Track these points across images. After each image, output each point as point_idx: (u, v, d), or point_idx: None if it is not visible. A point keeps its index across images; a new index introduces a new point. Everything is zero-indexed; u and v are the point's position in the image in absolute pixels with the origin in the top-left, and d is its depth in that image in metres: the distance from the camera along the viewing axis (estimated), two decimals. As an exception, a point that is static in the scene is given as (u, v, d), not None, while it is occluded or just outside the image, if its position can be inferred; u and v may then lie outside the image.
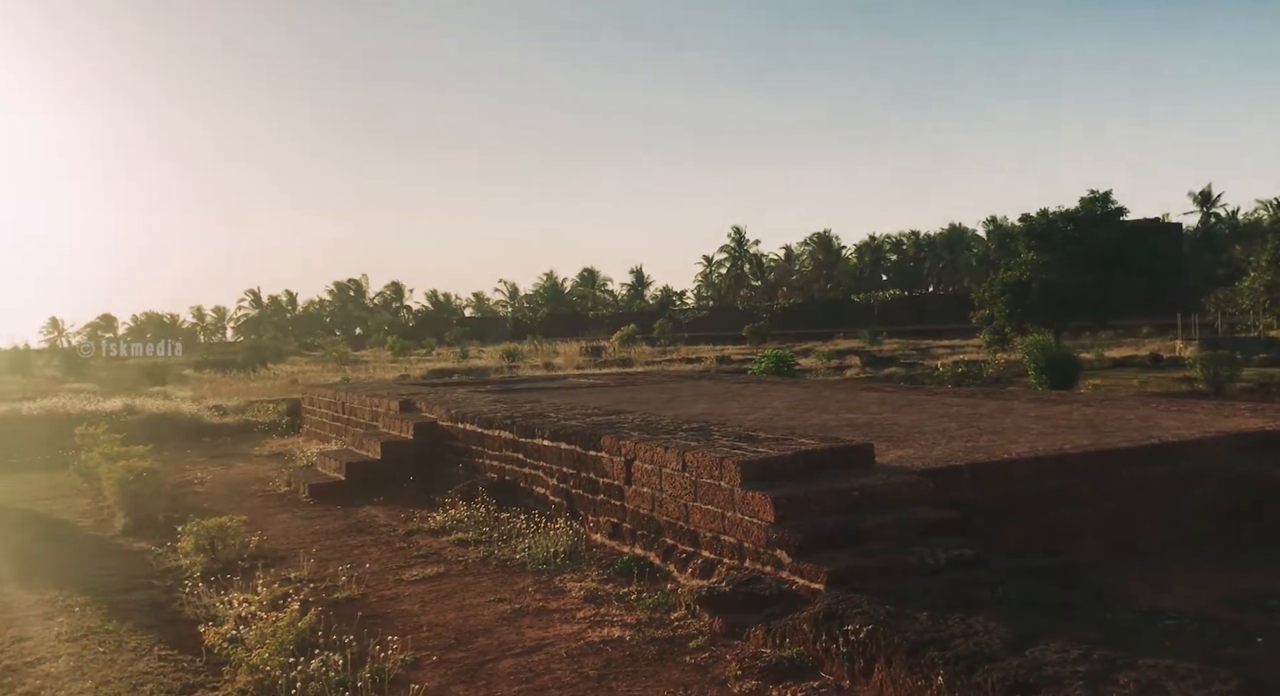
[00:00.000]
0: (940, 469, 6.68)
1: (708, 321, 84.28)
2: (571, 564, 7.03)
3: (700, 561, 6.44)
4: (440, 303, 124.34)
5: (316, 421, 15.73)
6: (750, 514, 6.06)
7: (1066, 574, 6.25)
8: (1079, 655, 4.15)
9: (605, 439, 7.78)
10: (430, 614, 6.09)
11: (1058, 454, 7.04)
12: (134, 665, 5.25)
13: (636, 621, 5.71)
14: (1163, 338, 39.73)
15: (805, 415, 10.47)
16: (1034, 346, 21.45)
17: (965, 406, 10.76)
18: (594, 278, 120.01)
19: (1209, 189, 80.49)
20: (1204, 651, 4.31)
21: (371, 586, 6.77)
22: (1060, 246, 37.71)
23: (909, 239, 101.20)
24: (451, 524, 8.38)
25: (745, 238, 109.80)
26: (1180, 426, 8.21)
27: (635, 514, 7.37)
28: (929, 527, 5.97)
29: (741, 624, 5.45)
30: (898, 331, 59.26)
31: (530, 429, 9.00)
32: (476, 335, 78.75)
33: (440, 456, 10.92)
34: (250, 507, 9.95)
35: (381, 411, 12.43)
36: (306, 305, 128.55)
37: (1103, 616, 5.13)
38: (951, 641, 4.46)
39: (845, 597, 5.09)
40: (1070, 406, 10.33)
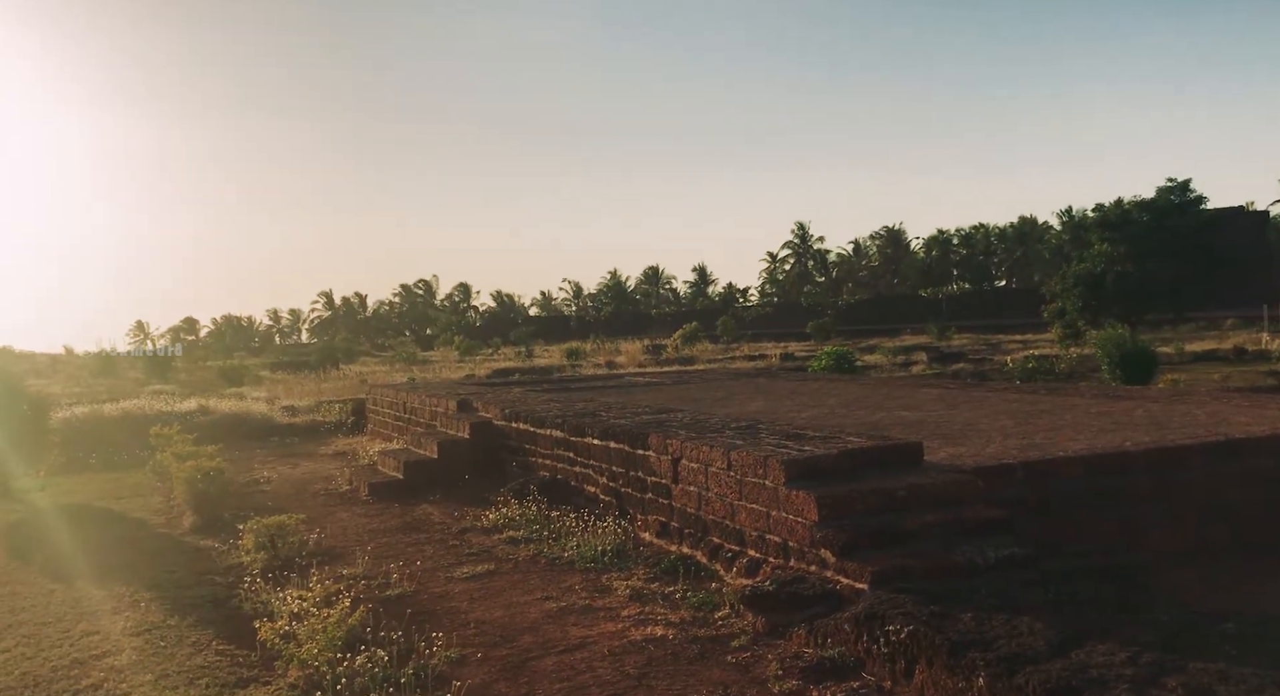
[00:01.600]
0: (992, 467, 6.53)
1: (771, 318, 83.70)
2: (619, 562, 7.07)
3: (746, 560, 6.42)
4: (506, 303, 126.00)
5: (380, 421, 16.09)
6: (794, 513, 6.02)
7: (1122, 574, 6.07)
8: (1126, 657, 4.02)
9: (653, 437, 7.79)
10: (478, 611, 6.18)
11: (1116, 451, 6.82)
12: (192, 659, 5.45)
13: (680, 620, 5.71)
14: (1248, 330, 38.14)
15: (859, 412, 10.34)
16: (1107, 340, 20.77)
17: (1024, 403, 10.50)
18: (657, 276, 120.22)
19: (1298, 173, 76.90)
20: (1264, 657, 4.14)
21: (422, 583, 6.90)
22: (1136, 237, 36.55)
23: (978, 232, 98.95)
24: (503, 522, 8.49)
25: (809, 233, 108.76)
26: (1250, 422, 7.88)
27: (682, 512, 7.37)
28: (978, 527, 5.84)
29: (785, 623, 5.42)
30: (967, 326, 58.00)
31: (580, 428, 9.07)
32: (541, 334, 79.58)
33: (495, 455, 11.08)
34: (312, 506, 10.23)
35: (440, 411, 12.65)
36: (376, 306, 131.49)
37: (1158, 618, 4.98)
38: (994, 642, 4.36)
39: (888, 598, 5.02)
40: (1135, 402, 9.99)
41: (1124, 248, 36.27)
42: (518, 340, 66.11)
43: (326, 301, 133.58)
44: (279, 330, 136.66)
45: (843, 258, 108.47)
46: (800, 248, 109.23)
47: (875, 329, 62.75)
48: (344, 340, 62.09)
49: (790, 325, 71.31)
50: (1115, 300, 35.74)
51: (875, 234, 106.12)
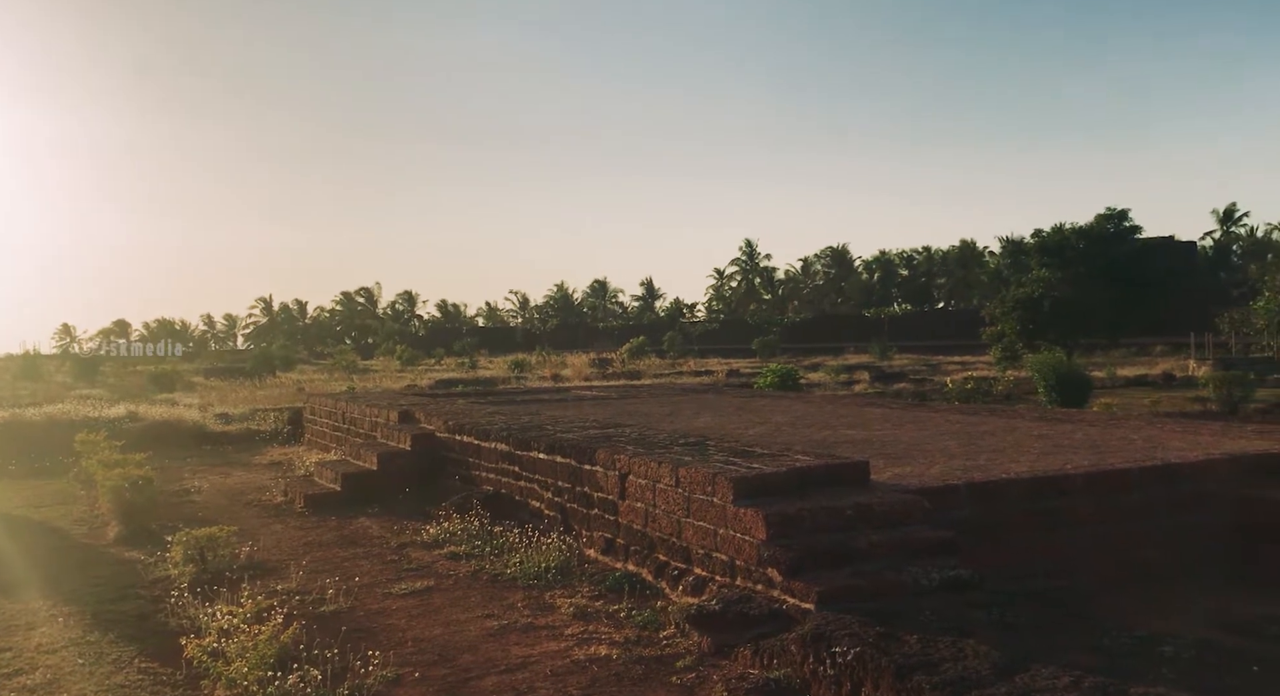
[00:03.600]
0: (937, 487, 6.57)
1: (718, 334, 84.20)
2: (563, 579, 6.95)
3: (692, 579, 6.35)
4: (450, 312, 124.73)
5: (317, 431, 15.71)
6: (742, 531, 5.97)
7: (1064, 597, 6.13)
8: (1070, 682, 4.04)
9: (600, 453, 7.70)
10: (416, 629, 6.01)
11: (1057, 474, 6.91)
12: (112, 678, 5.19)
13: (625, 639, 5.62)
14: (1176, 357, 39.46)
15: (806, 431, 10.37)
16: (1044, 364, 21.27)
17: (968, 424, 10.64)
18: (604, 289, 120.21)
19: (1233, 207, 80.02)
20: (1199, 680, 4.20)
21: (359, 599, 6.70)
22: (1073, 263, 37.52)
23: (921, 254, 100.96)
24: (444, 537, 8.31)
25: (757, 251, 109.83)
26: (1185, 448, 8.07)
27: (629, 529, 7.28)
28: (924, 547, 5.86)
29: (730, 643, 5.36)
30: (908, 347, 59.06)
31: (526, 441, 8.93)
32: (486, 345, 78.90)
33: (437, 468, 10.86)
34: (244, 517, 9.91)
35: (380, 422, 12.38)
36: (317, 313, 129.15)
37: (1099, 641, 5.03)
38: (940, 665, 4.36)
39: (835, 618, 4.99)
40: (1074, 425, 10.19)
41: (1062, 273, 37.25)
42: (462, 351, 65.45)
43: (264, 307, 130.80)
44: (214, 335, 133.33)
45: (789, 275, 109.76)
46: (747, 265, 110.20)
47: (819, 347, 63.53)
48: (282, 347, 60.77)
49: (736, 341, 71.82)
50: (1052, 324, 36.63)
51: (820, 253, 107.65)
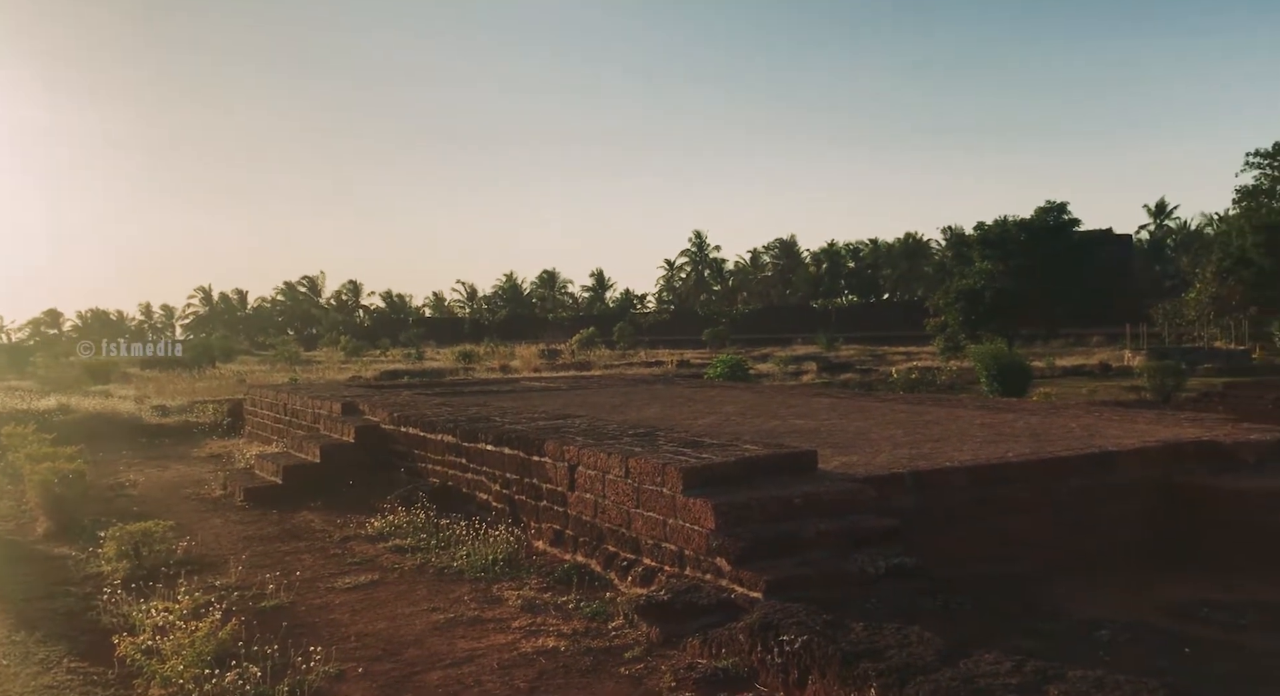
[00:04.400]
0: (883, 476, 6.64)
1: (668, 325, 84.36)
2: (511, 571, 6.88)
3: (641, 569, 6.33)
4: (396, 303, 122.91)
5: (258, 423, 15.37)
6: (691, 521, 5.97)
7: (1006, 582, 6.25)
8: (1011, 666, 4.10)
9: (549, 444, 7.64)
10: (360, 623, 5.90)
11: (999, 462, 7.03)
12: (39, 678, 5.01)
13: (573, 631, 5.58)
14: (1112, 347, 40.53)
15: (755, 421, 10.42)
16: (985, 354, 21.71)
17: (912, 413, 10.79)
18: (554, 280, 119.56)
19: (1164, 201, 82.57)
20: (1135, 661, 4.30)
21: (301, 594, 6.56)
22: (1014, 256, 38.35)
23: (867, 247, 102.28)
24: (389, 530, 8.17)
25: (706, 242, 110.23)
26: (1121, 435, 8.27)
27: (578, 520, 7.24)
28: (870, 536, 5.92)
29: (679, 633, 5.35)
30: (855, 337, 59.79)
31: (474, 433, 8.83)
32: (433, 336, 77.91)
33: (382, 460, 10.69)
34: (182, 511, 9.65)
35: (323, 414, 12.15)
36: (258, 304, 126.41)
37: (1039, 626, 5.12)
38: (885, 652, 4.39)
39: (782, 607, 5.01)
40: (1015, 414, 10.39)
41: (1003, 265, 38.05)
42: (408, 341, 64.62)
43: (204, 297, 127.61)
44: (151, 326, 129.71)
45: (739, 267, 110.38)
46: (697, 256, 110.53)
47: (768, 338, 64.01)
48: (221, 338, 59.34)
49: (687, 332, 72.06)
50: (993, 315, 37.46)
51: (769, 245, 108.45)
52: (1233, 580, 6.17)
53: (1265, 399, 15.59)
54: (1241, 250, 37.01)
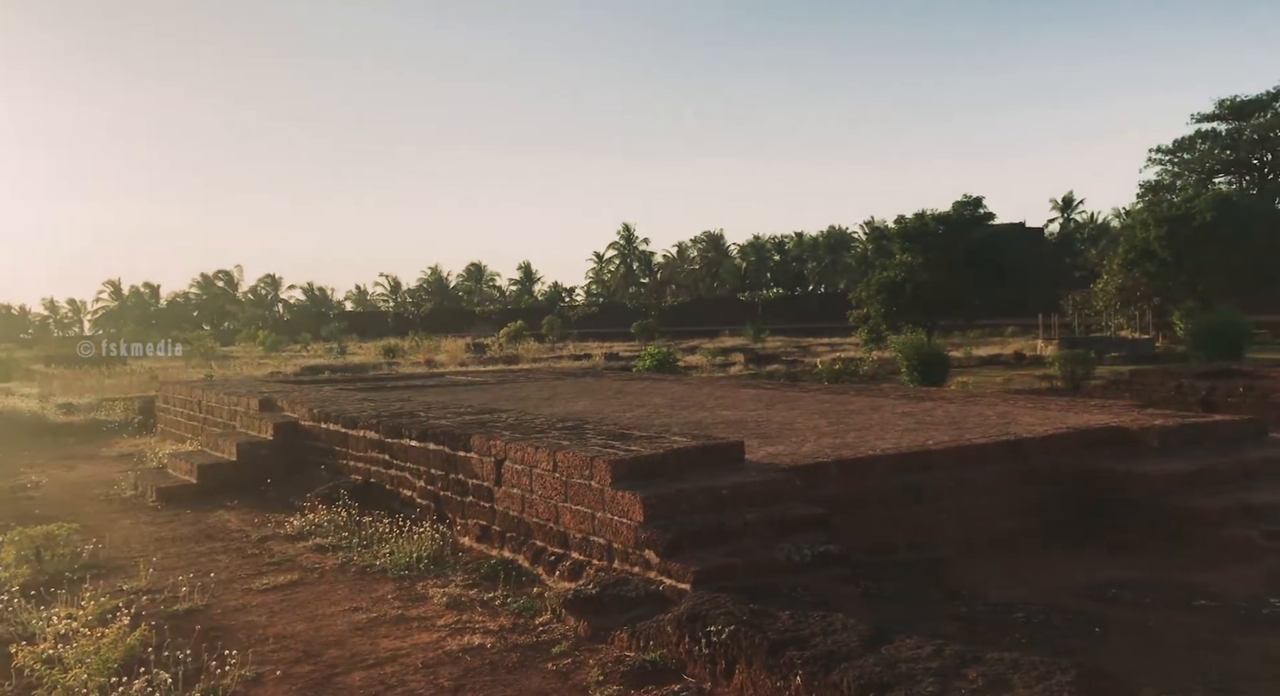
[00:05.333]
0: (808, 465, 6.72)
1: (597, 318, 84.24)
2: (436, 569, 6.77)
3: (569, 563, 6.29)
4: (318, 297, 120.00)
5: (172, 421, 14.82)
6: (620, 514, 5.94)
7: (927, 568, 6.39)
8: (932, 651, 4.18)
9: (475, 439, 7.53)
10: (279, 625, 5.73)
11: (920, 449, 7.19)
12: (-71, 694, 4.72)
13: (499, 627, 5.51)
14: (1026, 336, 41.91)
15: (683, 412, 10.46)
16: (906, 344, 22.22)
17: (836, 403, 10.97)
18: (481, 272, 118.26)
19: (1070, 195, 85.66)
20: (1048, 642, 4.43)
21: (216, 597, 6.34)
22: (933, 248, 39.28)
23: (792, 240, 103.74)
24: (310, 529, 7.96)
25: (635, 235, 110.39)
26: (1035, 422, 8.53)
27: (505, 516, 7.15)
28: (797, 524, 5.98)
29: (607, 627, 5.33)
30: (781, 329, 60.64)
31: (397, 429, 8.65)
32: (356, 330, 76.27)
33: (302, 458, 10.40)
34: (89, 513, 9.24)
35: (240, 410, 11.77)
36: (171, 298, 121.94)
37: (959, 610, 5.25)
38: (811, 640, 4.44)
39: (710, 598, 5.02)
40: (935, 403, 10.65)
41: (922, 258, 38.95)
42: (330, 336, 63.11)
43: (113, 291, 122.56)
44: (56, 321, 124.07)
45: (667, 260, 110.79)
46: (626, 249, 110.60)
47: (696, 330, 64.45)
48: (133, 333, 57.06)
49: (616, 325, 72.05)
50: (913, 307, 38.32)
51: (697, 238, 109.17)
52: (1139, 560, 6.42)
53: (1168, 386, 16.26)
54: (1145, 243, 38.56)
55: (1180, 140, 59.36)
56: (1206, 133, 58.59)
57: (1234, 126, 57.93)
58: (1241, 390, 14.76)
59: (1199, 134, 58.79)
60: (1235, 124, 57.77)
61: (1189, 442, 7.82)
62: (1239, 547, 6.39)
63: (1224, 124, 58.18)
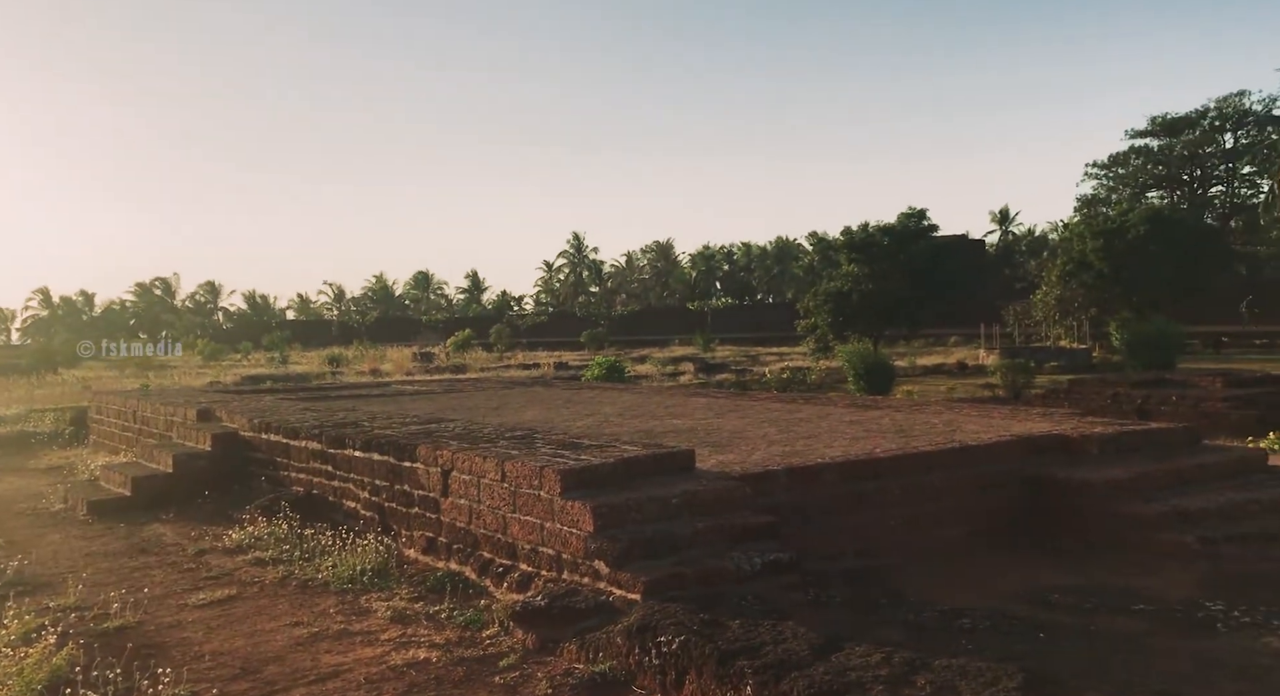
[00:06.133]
0: (758, 473, 6.73)
1: (547, 327, 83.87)
2: (380, 582, 6.61)
3: (518, 575, 6.20)
4: (259, 305, 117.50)
5: (105, 432, 14.33)
6: (569, 524, 5.88)
7: (876, 574, 6.43)
8: (881, 658, 4.19)
9: (421, 448, 7.39)
10: (215, 641, 5.54)
11: (867, 457, 7.24)
12: None
13: (445, 641, 5.40)
14: (969, 346, 42.71)
15: (633, 421, 10.41)
16: (853, 354, 22.49)
17: (785, 411, 11.02)
18: (428, 281, 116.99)
19: (1006, 208, 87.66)
20: (995, 648, 4.47)
21: (150, 613, 6.11)
22: (878, 259, 39.83)
23: (741, 250, 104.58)
24: (249, 541, 7.74)
25: (584, 244, 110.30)
26: (979, 430, 8.66)
27: (452, 527, 7.03)
28: (747, 532, 5.97)
29: (556, 639, 5.25)
30: (730, 339, 60.98)
31: (340, 439, 8.47)
32: (299, 339, 74.73)
33: (242, 469, 10.12)
34: (15, 528, 8.87)
35: (177, 420, 11.43)
36: (106, 306, 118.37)
37: (906, 617, 5.27)
38: (761, 649, 4.42)
39: (660, 608, 4.98)
40: (882, 411, 10.76)
41: (868, 269, 39.48)
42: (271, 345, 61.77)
43: (43, 299, 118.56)
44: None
45: (617, 269, 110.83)
46: (575, 257, 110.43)
47: (646, 339, 64.50)
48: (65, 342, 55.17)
49: (565, 334, 71.80)
50: (860, 316, 38.82)
51: (646, 248, 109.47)
52: (1081, 565, 6.54)
53: (1105, 394, 16.66)
54: (1082, 254, 39.61)
55: (1115, 155, 61.31)
56: (1140, 149, 60.57)
57: (1165, 143, 59.94)
58: (1175, 398, 15.18)
59: (1133, 149, 60.75)
60: (1167, 140, 59.79)
61: (1127, 450, 8.00)
62: (1175, 552, 6.55)
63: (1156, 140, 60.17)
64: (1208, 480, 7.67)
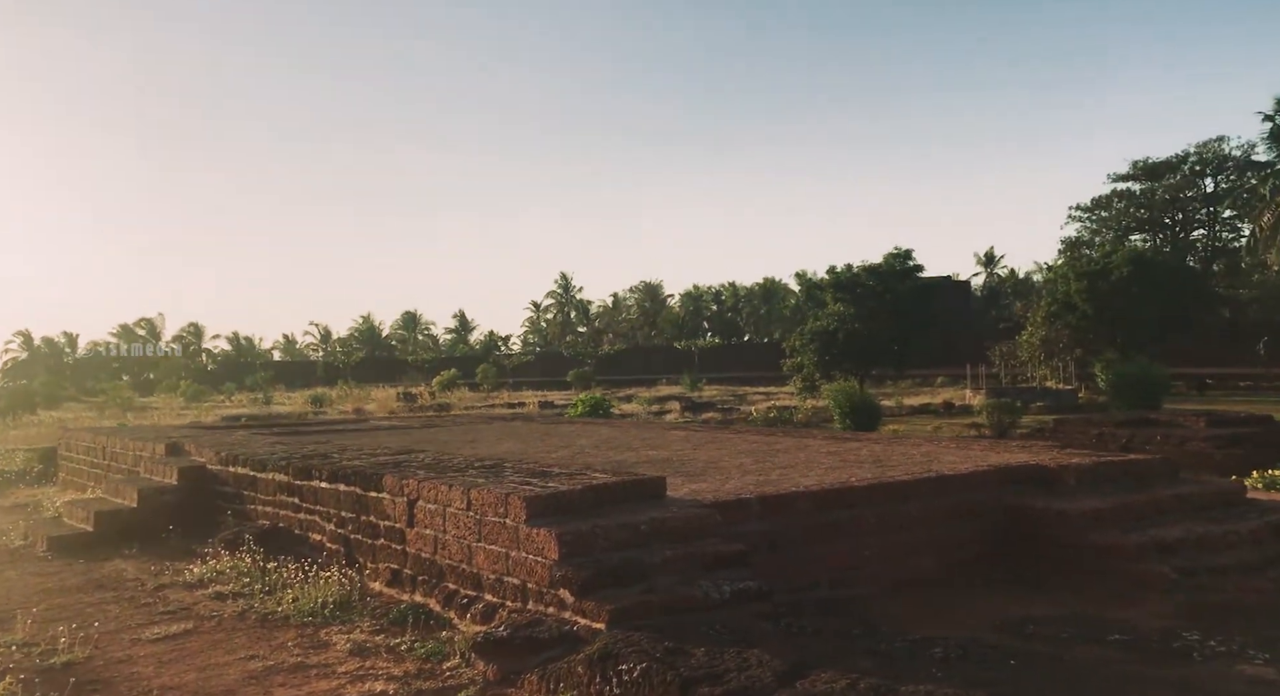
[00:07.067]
0: (730, 501, 6.61)
1: (534, 367, 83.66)
2: (342, 615, 6.44)
3: (482, 605, 6.04)
4: (243, 346, 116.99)
5: (74, 469, 14.08)
6: (535, 552, 5.74)
7: (849, 603, 6.29)
8: (847, 685, 4.06)
9: (387, 478, 7.25)
10: (166, 676, 5.36)
11: (843, 486, 7.13)
12: None
13: (404, 673, 5.23)
14: (955, 386, 42.71)
15: (608, 453, 10.28)
16: (839, 393, 22.44)
17: (764, 443, 10.91)
18: (415, 321, 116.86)
19: (991, 250, 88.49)
20: (965, 676, 4.34)
21: (100, 648, 5.91)
22: (864, 299, 39.97)
23: (728, 290, 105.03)
24: (211, 576, 7.55)
25: (572, 284, 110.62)
26: (957, 461, 8.57)
27: (417, 558, 6.86)
28: (716, 561, 5.84)
29: (518, 670, 5.09)
30: (717, 378, 60.89)
31: (307, 470, 8.31)
32: (284, 380, 74.22)
33: (208, 503, 9.91)
34: (-29, 564, 8.64)
35: (145, 456, 11.22)
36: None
37: (877, 646, 5.13)
38: (725, 676, 4.28)
39: (624, 636, 4.84)
40: (861, 443, 10.66)
41: (854, 308, 39.57)
42: (255, 385, 61.39)
43: (24, 341, 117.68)
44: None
45: (604, 309, 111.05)
46: (563, 297, 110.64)
47: (634, 379, 64.36)
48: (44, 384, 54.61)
49: (553, 373, 71.57)
50: (846, 356, 38.80)
51: (635, 287, 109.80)
52: (1057, 595, 6.42)
53: (1089, 434, 16.60)
54: (1066, 296, 39.86)
55: (1098, 198, 62.02)
56: (1122, 192, 61.34)
57: (1147, 186, 60.74)
58: (1159, 438, 15.14)
59: (1115, 193, 61.50)
60: (1148, 184, 60.59)
61: (1105, 481, 7.91)
62: (1153, 582, 6.43)
63: (1138, 183, 60.98)
64: (1186, 511, 7.57)
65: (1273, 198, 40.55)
